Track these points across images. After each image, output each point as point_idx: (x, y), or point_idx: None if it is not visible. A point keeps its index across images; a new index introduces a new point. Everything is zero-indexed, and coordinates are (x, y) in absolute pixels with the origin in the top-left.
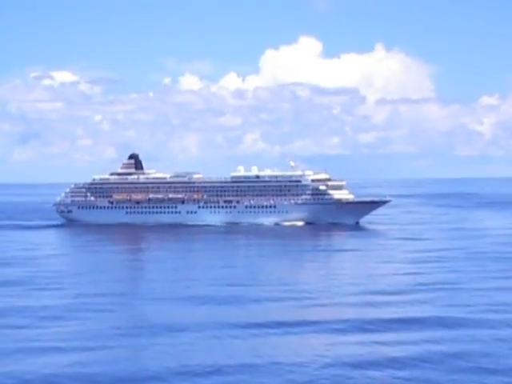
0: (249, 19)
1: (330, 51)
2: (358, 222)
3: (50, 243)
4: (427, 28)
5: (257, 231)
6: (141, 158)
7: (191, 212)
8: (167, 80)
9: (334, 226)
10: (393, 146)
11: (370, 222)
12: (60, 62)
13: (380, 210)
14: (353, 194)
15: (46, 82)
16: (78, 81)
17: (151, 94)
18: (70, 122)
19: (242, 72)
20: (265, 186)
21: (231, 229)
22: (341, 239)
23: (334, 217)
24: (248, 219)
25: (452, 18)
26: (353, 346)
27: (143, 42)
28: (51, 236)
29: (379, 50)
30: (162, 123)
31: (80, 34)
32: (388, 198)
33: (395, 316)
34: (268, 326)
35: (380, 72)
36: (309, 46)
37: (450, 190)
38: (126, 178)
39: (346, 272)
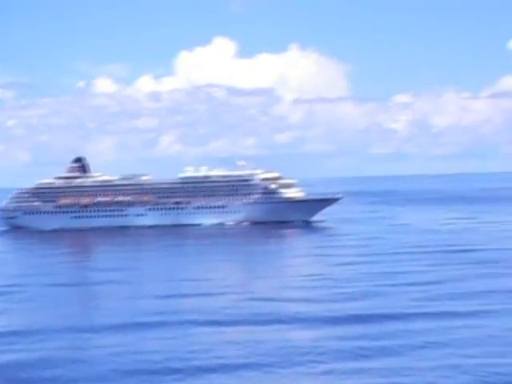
0: (162, 21)
1: (245, 52)
2: (309, 220)
3: None
4: (341, 27)
5: (206, 233)
6: (58, 161)
7: (140, 215)
8: (81, 83)
9: (285, 224)
10: (309, 145)
11: (321, 221)
12: None
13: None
14: (304, 191)
15: None
16: None
17: (65, 98)
18: None
19: (157, 74)
20: (214, 187)
21: (180, 230)
22: (289, 238)
23: (285, 215)
24: (198, 220)
25: (366, 17)
26: None
27: (56, 46)
28: None
29: (294, 50)
30: (77, 127)
31: None
32: (339, 195)
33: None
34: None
35: (295, 72)
36: (223, 46)
37: (372, 188)
38: (72, 182)
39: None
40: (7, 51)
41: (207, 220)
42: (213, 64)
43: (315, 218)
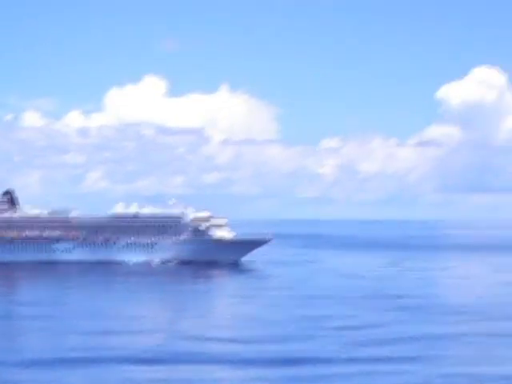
0: (93, 57)
1: (176, 91)
2: (237, 261)
3: None
4: (272, 70)
5: (135, 270)
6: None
7: (67, 250)
8: (9, 116)
9: (213, 265)
10: (236, 186)
11: (252, 261)
12: None
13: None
14: (234, 232)
15: None
16: None
17: None
18: None
19: (86, 110)
20: (144, 224)
21: (108, 267)
22: (217, 278)
23: (214, 256)
24: (127, 258)
25: (296, 61)
26: None
27: None
28: None
29: (224, 91)
30: (4, 160)
31: None
32: (269, 237)
33: None
34: None
35: (225, 112)
36: (154, 84)
37: (298, 231)
38: (0, 215)
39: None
40: None
41: (136, 257)
42: (143, 102)
43: (244, 258)
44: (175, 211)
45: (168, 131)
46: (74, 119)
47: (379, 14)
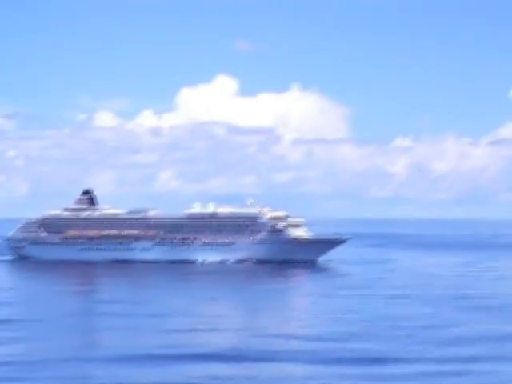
0: (165, 57)
1: (247, 90)
2: (315, 261)
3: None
4: (343, 69)
5: (213, 269)
6: (57, 193)
7: (146, 249)
8: (82, 116)
9: (290, 264)
10: (307, 185)
11: (328, 260)
12: None
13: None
14: (311, 232)
15: None
16: None
17: (66, 131)
18: None
19: (158, 110)
20: (221, 224)
21: (186, 267)
22: (297, 277)
23: (292, 255)
24: (204, 257)
25: (368, 59)
26: None
27: (59, 79)
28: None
29: (295, 90)
30: (77, 160)
31: None
32: (347, 237)
33: None
34: None
35: (296, 112)
36: (225, 84)
37: (370, 231)
38: (80, 214)
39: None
40: (10, 82)
41: (213, 257)
42: (214, 101)
43: (321, 258)
44: (252, 210)
45: (239, 131)
46: (147, 119)
47: (452, 12)
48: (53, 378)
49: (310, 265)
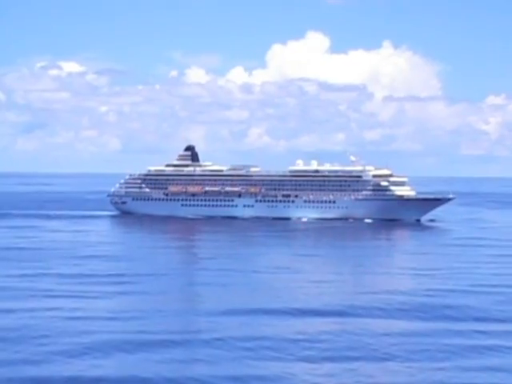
0: (256, 14)
1: (338, 47)
2: (419, 220)
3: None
4: (435, 26)
5: (316, 227)
6: (148, 149)
7: (248, 206)
8: (174, 73)
9: (396, 223)
10: (398, 143)
11: (431, 220)
12: (67, 53)
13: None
14: (415, 190)
15: (53, 72)
16: (84, 71)
17: (157, 87)
18: (76, 112)
19: (249, 66)
20: (324, 181)
21: (288, 225)
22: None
23: (396, 214)
24: (307, 214)
25: (460, 18)
26: None
27: (150, 35)
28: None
29: (387, 47)
30: (168, 116)
31: (87, 25)
32: (451, 196)
33: None
34: None
35: (387, 69)
36: (316, 41)
37: (464, 189)
38: (182, 170)
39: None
40: (104, 38)
41: (316, 214)
42: (305, 58)
43: (425, 217)
44: (356, 168)
45: (330, 88)
46: (238, 75)
47: None
48: (164, 332)
49: (415, 223)
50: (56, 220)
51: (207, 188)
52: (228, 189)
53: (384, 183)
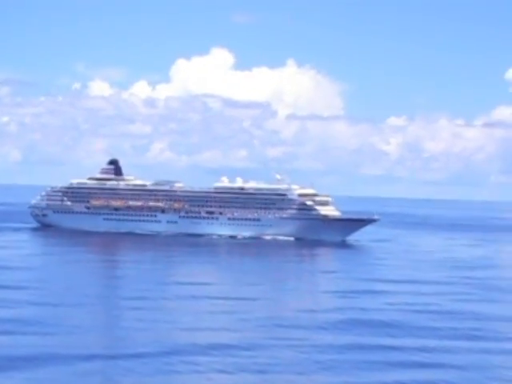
0: (161, 28)
1: (242, 64)
2: (344, 240)
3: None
4: (339, 46)
5: (238, 244)
6: (48, 161)
7: (171, 222)
8: (77, 85)
9: (319, 242)
10: (300, 161)
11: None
12: None
13: None
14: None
15: None
16: None
17: (60, 98)
18: None
19: (153, 81)
20: (249, 199)
21: (211, 241)
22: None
23: (320, 233)
24: (230, 232)
25: (364, 38)
26: None
27: (54, 45)
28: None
29: (291, 66)
30: (70, 128)
31: None
32: (376, 217)
33: None
34: None
35: (291, 87)
36: (221, 57)
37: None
38: (105, 184)
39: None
40: (5, 47)
41: (240, 232)
42: (210, 74)
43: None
44: (281, 186)
45: (234, 104)
46: (141, 90)
47: None
48: None
49: (339, 244)
50: None
51: (130, 202)
52: (151, 204)
53: (309, 202)
